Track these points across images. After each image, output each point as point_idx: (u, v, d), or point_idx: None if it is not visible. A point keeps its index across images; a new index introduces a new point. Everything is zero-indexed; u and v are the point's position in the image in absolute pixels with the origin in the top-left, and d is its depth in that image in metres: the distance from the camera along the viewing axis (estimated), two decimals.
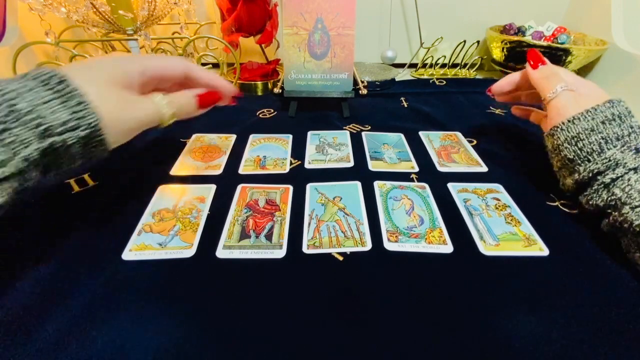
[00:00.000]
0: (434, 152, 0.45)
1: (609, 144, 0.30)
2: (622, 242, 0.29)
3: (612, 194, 0.29)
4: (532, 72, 0.37)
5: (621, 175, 0.29)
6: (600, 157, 0.30)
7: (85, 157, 0.25)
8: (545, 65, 0.37)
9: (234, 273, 0.28)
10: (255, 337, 0.23)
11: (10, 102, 0.21)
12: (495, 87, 0.43)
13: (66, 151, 0.24)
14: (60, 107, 0.23)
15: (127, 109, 0.26)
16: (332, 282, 0.27)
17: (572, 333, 0.23)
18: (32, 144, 0.22)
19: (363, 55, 0.74)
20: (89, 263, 0.28)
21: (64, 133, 0.23)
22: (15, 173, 0.21)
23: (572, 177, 0.32)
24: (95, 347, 0.22)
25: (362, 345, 0.23)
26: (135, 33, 0.55)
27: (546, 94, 0.35)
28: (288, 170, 0.40)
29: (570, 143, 0.31)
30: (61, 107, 0.23)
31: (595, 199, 0.30)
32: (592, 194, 0.30)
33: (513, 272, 0.28)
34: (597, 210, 0.30)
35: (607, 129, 0.30)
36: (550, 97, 0.34)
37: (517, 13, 0.71)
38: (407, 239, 0.31)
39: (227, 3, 0.55)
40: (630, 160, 0.29)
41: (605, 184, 0.29)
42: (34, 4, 0.48)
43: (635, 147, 0.29)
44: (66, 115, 0.23)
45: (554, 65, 0.37)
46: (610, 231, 0.30)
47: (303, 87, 0.52)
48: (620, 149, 0.29)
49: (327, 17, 0.48)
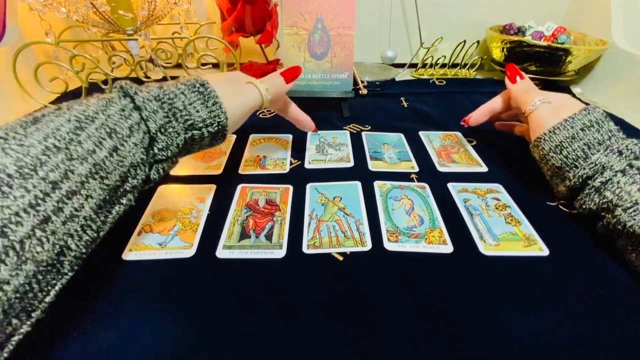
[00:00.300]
0: (434, 152, 0.45)
1: (592, 149, 0.31)
2: (617, 244, 0.29)
3: (603, 197, 0.29)
4: (512, 86, 0.39)
5: (610, 178, 0.29)
6: (587, 162, 0.31)
7: (210, 145, 0.32)
8: (523, 79, 0.39)
9: (234, 273, 0.28)
10: (255, 336, 0.23)
11: (171, 102, 0.27)
12: (473, 121, 0.44)
13: (200, 141, 0.30)
14: (201, 107, 0.29)
15: (239, 96, 0.32)
16: (332, 282, 0.27)
17: (572, 333, 0.24)
18: (180, 134, 0.28)
19: (363, 55, 0.74)
20: (89, 263, 0.28)
21: (203, 128, 0.29)
22: (170, 156, 0.28)
23: (564, 184, 0.33)
24: (96, 347, 0.22)
25: (362, 344, 0.23)
26: (135, 33, 0.55)
27: (526, 107, 0.36)
28: (288, 170, 0.40)
29: (555, 152, 0.33)
30: (202, 106, 0.29)
31: (588, 203, 0.30)
32: (585, 198, 0.31)
33: (513, 272, 0.28)
34: (591, 214, 0.31)
35: (587, 135, 0.31)
36: (530, 109, 0.36)
37: (517, 13, 0.71)
38: (407, 239, 0.31)
39: (227, 3, 0.55)
40: (615, 163, 0.29)
41: (595, 187, 0.30)
42: (34, 4, 0.48)
43: (619, 150, 0.30)
44: (205, 113, 0.29)
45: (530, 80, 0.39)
46: (605, 233, 0.30)
47: (303, 87, 0.52)
48: (604, 153, 0.30)
49: (327, 17, 0.48)
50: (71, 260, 0.20)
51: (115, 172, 0.23)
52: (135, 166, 0.25)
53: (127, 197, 0.25)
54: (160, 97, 0.27)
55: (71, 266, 0.21)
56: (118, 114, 0.24)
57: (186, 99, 0.28)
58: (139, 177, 0.25)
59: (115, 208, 0.24)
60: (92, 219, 0.22)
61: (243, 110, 0.33)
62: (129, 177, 0.25)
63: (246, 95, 0.33)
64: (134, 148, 0.24)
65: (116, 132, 0.23)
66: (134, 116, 0.25)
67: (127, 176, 0.24)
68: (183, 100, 0.28)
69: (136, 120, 0.25)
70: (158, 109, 0.26)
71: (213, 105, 0.29)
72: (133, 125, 0.25)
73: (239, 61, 0.58)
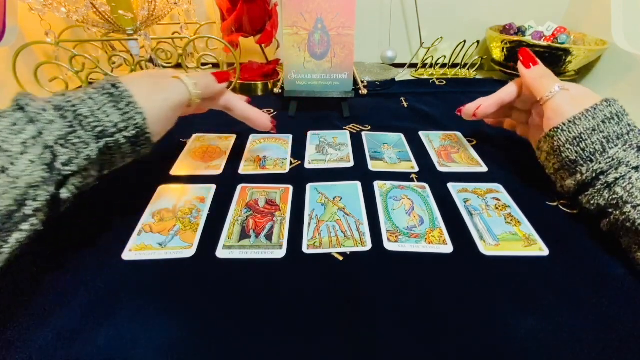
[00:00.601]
0: (434, 152, 0.45)
1: (610, 143, 0.30)
2: (622, 242, 0.29)
3: (614, 193, 0.28)
4: (527, 72, 0.36)
5: (624, 174, 0.28)
6: (603, 156, 0.30)
7: (134, 154, 0.29)
8: (537, 65, 0.36)
9: (234, 273, 0.28)
10: (255, 336, 0.23)
11: (75, 109, 0.25)
12: (481, 112, 0.40)
13: (119, 149, 0.27)
14: (112, 110, 0.26)
15: (159, 92, 0.29)
16: (332, 282, 0.27)
17: (572, 333, 0.23)
18: (90, 144, 0.25)
19: (363, 55, 0.74)
20: (89, 263, 0.28)
21: (116, 134, 0.26)
22: (78, 171, 0.25)
23: (573, 179, 0.32)
24: (96, 347, 0.22)
25: (362, 344, 0.23)
26: (135, 33, 0.55)
27: (543, 94, 0.34)
28: (288, 170, 0.40)
29: (572, 144, 0.31)
30: (113, 109, 0.26)
31: (597, 199, 0.30)
32: (594, 194, 0.30)
33: (513, 272, 0.28)
34: (597, 210, 0.30)
35: (607, 128, 0.30)
36: (548, 96, 0.34)
37: (517, 13, 0.71)
38: (407, 239, 0.31)
39: (227, 3, 0.55)
40: (633, 159, 0.28)
41: (607, 183, 0.29)
42: (34, 4, 0.48)
43: (637, 145, 0.29)
44: (117, 117, 0.26)
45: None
46: (610, 231, 0.29)
47: (303, 87, 0.52)
48: (622, 148, 0.29)
49: (327, 17, 0.48)
50: None
51: (6, 195, 0.21)
52: (35, 186, 0.22)
53: (30, 222, 0.22)
54: (61, 105, 0.25)
55: None
56: (8, 129, 0.22)
57: (94, 104, 0.25)
58: (42, 199, 0.23)
59: (13, 236, 0.21)
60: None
61: (166, 108, 0.29)
62: (27, 199, 0.22)
63: (168, 90, 0.30)
64: (30, 166, 0.22)
65: (3, 150, 0.21)
66: (28, 130, 0.23)
67: (25, 199, 0.22)
68: (90, 106, 0.25)
69: (31, 134, 0.23)
70: (56, 119, 0.24)
71: (126, 107, 0.26)
72: (27, 140, 0.22)
73: (239, 61, 0.58)
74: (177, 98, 0.31)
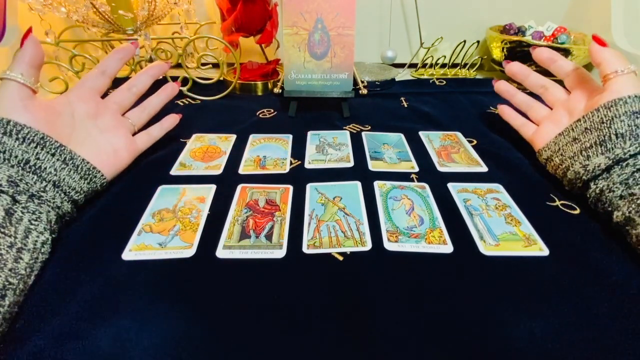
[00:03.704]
0: (434, 152, 0.45)
1: None
2: (631, 237, 0.28)
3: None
4: (604, 48, 0.37)
5: None
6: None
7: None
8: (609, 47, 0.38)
9: (234, 273, 0.28)
10: (255, 336, 0.23)
11: None
12: (537, 55, 0.44)
13: None
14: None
15: None
16: (332, 282, 0.27)
17: (572, 333, 0.23)
18: None
19: (363, 55, 0.74)
20: (89, 263, 0.28)
21: None
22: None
23: (606, 155, 0.32)
24: (96, 347, 0.22)
25: (361, 344, 0.23)
26: (135, 33, 0.55)
27: (617, 67, 0.35)
28: (288, 170, 0.40)
29: (629, 117, 0.32)
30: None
31: (631, 182, 0.30)
32: (630, 176, 0.30)
33: (513, 272, 0.28)
34: (616, 196, 0.30)
35: None
36: (622, 71, 0.35)
37: (517, 13, 0.71)
38: (407, 239, 0.31)
39: (227, 3, 0.55)
40: None
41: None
42: (34, 4, 0.48)
43: None
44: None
45: None
46: (623, 221, 0.29)
47: (303, 87, 0.52)
48: None
49: (327, 17, 0.48)
50: None
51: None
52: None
53: None
54: None
55: None
56: None
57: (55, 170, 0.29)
58: None
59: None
60: None
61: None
62: None
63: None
64: None
65: None
66: None
67: None
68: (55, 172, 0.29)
69: None
70: None
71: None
72: None
73: (239, 61, 0.58)
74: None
